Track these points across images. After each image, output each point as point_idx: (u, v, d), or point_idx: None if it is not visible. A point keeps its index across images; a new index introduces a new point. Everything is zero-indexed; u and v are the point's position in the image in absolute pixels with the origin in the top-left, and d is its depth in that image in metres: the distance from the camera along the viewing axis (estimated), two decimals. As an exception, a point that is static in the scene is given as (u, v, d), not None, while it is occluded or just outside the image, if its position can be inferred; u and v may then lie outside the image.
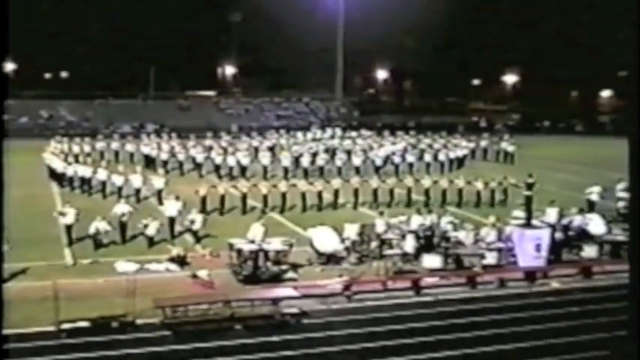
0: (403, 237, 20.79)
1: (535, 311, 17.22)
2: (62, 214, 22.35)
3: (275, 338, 15.11)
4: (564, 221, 22.47)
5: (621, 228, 22.12)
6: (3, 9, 5.34)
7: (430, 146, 42.69)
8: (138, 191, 29.34)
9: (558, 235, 21.32)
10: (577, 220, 22.42)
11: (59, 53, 67.36)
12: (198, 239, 22.58)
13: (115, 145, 41.99)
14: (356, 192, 29.12)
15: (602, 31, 55.94)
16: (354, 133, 49.22)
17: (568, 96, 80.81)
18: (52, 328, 14.90)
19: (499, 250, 20.38)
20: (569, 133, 65.33)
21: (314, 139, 45.74)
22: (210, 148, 39.87)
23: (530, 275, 19.91)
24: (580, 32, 69.41)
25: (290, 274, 19.09)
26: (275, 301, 16.76)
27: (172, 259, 20.14)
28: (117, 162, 37.85)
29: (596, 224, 22.21)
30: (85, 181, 31.52)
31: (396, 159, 38.51)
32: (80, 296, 16.71)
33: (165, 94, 69.82)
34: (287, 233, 22.55)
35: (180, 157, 37.62)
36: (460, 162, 40.75)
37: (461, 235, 21.05)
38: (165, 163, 36.45)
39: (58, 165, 33.63)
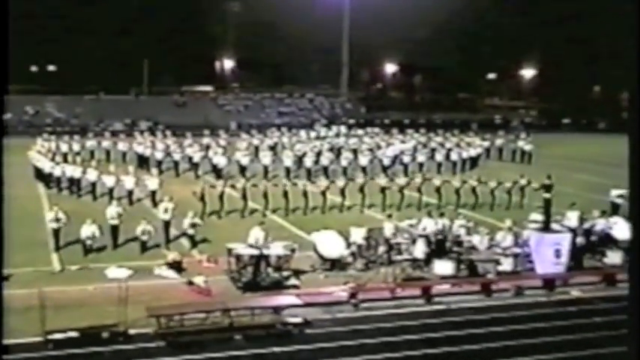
0: (413, 241, 20.79)
1: (554, 321, 17.17)
2: (57, 220, 22.19)
3: (276, 349, 15.10)
4: (586, 225, 22.42)
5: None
6: (3, 8, 5.41)
7: (442, 145, 42.70)
8: (130, 193, 29.39)
9: (579, 240, 21.27)
10: (600, 224, 22.37)
11: (46, 45, 67.43)
12: (194, 244, 22.59)
13: (105, 143, 42.11)
14: (362, 193, 29.11)
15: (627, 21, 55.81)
16: (360, 131, 49.35)
17: (590, 91, 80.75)
18: (38, 339, 14.89)
19: (515, 255, 20.33)
20: (592, 130, 65.33)
21: (318, 138, 45.85)
22: (207, 147, 39.93)
23: (549, 283, 19.85)
24: (603, 22, 69.25)
25: (292, 281, 19.08)
26: (276, 309, 16.76)
27: (169, 265, 20.15)
28: (108, 162, 37.97)
29: (620, 228, 22.11)
30: (73, 182, 31.58)
31: (406, 158, 38.54)
32: (68, 305, 16.72)
33: (160, 90, 69.98)
34: (289, 237, 22.53)
35: (176, 156, 37.68)
36: (474, 162, 40.77)
37: (475, 239, 21.02)
38: (159, 163, 36.53)
39: (45, 165, 33.69)
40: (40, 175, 33.88)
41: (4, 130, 6.04)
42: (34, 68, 74.90)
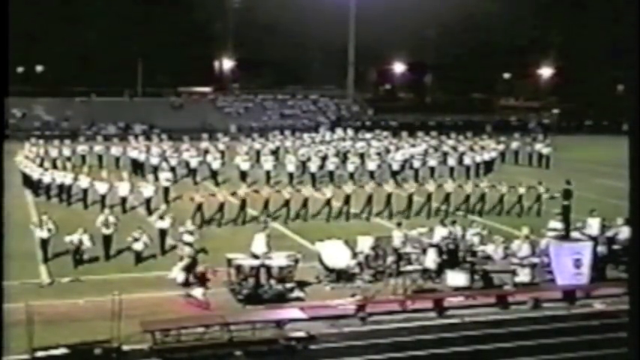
0: (424, 251, 20.76)
1: (575, 336, 17.15)
2: (40, 225, 22.30)
3: (279, 366, 15.11)
4: (608, 233, 22.39)
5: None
6: (3, 8, 5.50)
7: (454, 148, 42.66)
8: (124, 200, 29.44)
9: (601, 249, 21.23)
10: (623, 232, 22.28)
11: (34, 44, 67.55)
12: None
13: (98, 148, 42.18)
14: (370, 200, 29.12)
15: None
16: (368, 135, 49.28)
17: (613, 90, 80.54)
18: (24, 357, 14.90)
19: (533, 265, 20.31)
20: (615, 132, 65.04)
21: (323, 142, 45.80)
22: (205, 152, 39.96)
23: (570, 295, 19.83)
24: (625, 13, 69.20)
25: (296, 294, 19.10)
26: (279, 323, 16.76)
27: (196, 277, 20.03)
28: (100, 167, 37.99)
29: (645, 236, 22.04)
30: (63, 189, 31.64)
31: (416, 163, 38.49)
32: (58, 320, 16.75)
33: (155, 91, 70.08)
34: (292, 247, 22.56)
35: (173, 161, 37.70)
36: (488, 166, 40.74)
37: (489, 248, 21.01)
38: (155, 169, 36.52)
39: (34, 171, 33.76)
40: (28, 182, 33.94)
41: (4, 132, 6.08)
42: (20, 69, 75.17)
